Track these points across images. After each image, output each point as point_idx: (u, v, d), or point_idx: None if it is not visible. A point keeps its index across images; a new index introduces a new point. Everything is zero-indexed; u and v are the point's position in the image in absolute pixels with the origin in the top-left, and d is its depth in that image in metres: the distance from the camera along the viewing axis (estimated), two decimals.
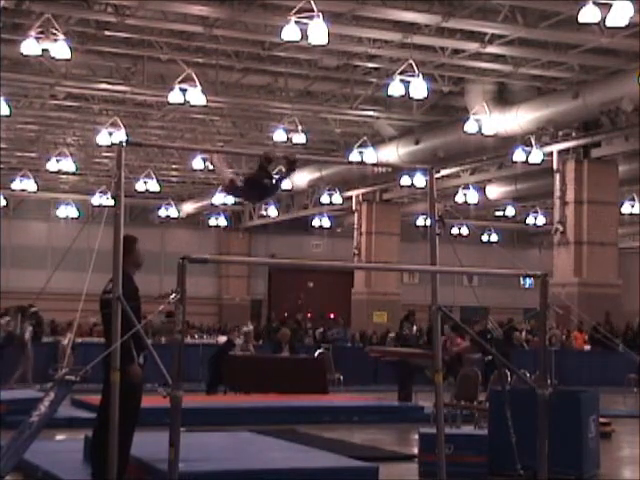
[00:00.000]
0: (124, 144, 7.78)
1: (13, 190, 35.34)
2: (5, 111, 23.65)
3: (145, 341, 7.24)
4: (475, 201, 32.31)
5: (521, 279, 38.19)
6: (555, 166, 25.44)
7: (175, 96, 22.38)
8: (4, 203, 37.97)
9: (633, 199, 33.10)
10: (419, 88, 20.82)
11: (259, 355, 21.41)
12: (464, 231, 38.25)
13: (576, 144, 24.99)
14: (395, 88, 20.92)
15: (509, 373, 12.01)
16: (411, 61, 20.56)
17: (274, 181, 8.58)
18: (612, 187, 25.91)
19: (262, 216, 39.63)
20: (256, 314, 42.51)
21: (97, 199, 35.82)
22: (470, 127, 24.15)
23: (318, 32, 17.07)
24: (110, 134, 26.20)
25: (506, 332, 20.56)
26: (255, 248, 43.64)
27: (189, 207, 41.36)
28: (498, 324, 25.69)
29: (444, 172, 27.45)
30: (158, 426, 8.42)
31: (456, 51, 21.69)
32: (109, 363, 7.31)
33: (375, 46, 21.39)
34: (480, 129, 24.16)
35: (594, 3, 16.35)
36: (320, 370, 19.09)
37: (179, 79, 22.24)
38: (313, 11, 16.92)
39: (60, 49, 18.96)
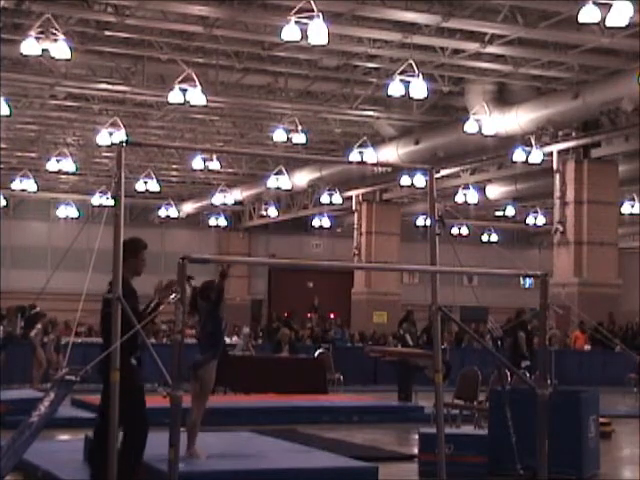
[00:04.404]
0: (124, 144, 7.77)
1: (13, 190, 35.31)
2: (5, 111, 23.63)
3: (146, 342, 7.20)
4: (475, 201, 32.30)
5: (521, 279, 38.18)
6: (555, 166, 25.42)
7: (175, 96, 22.37)
8: (4, 203, 37.94)
9: (633, 199, 33.08)
10: (419, 88, 20.81)
11: (259, 355, 21.44)
12: (464, 231, 38.22)
13: (576, 144, 24.97)
14: (395, 88, 20.92)
15: (509, 373, 12.02)
16: (411, 61, 20.55)
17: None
18: (612, 187, 25.89)
19: (262, 216, 39.61)
20: (256, 314, 42.49)
21: (97, 199, 35.81)
22: (470, 127, 24.15)
23: (318, 32, 17.06)
24: (110, 134, 26.18)
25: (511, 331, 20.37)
26: (255, 248, 43.62)
27: (189, 207, 41.36)
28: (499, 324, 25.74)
29: (444, 172, 27.42)
30: (158, 426, 8.41)
31: (456, 51, 21.69)
32: (106, 364, 7.27)
33: (375, 46, 21.38)
34: (480, 129, 24.15)
35: (594, 3, 16.33)
36: (320, 370, 19.10)
37: (179, 79, 22.23)
38: (313, 11, 16.91)
39: (60, 49, 18.94)
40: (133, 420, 7.56)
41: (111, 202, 7.56)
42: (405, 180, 29.48)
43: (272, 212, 38.37)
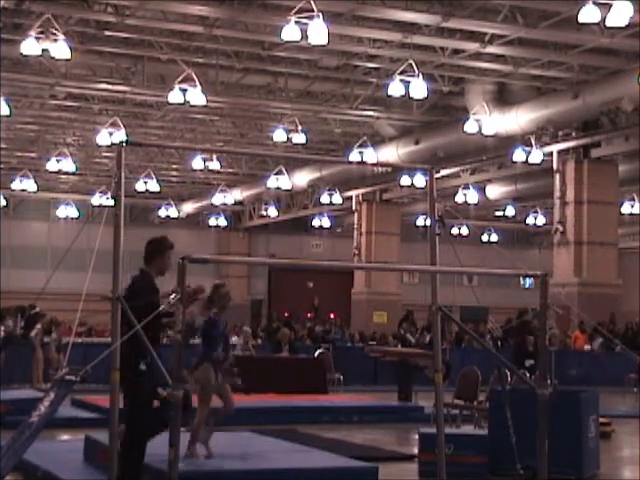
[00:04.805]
0: (124, 144, 7.78)
1: (13, 190, 35.32)
2: (5, 111, 23.64)
3: (146, 342, 7.18)
4: (475, 201, 32.30)
5: (521, 279, 38.17)
6: (555, 166, 25.42)
7: (175, 96, 22.37)
8: (4, 203, 37.94)
9: (633, 199, 33.08)
10: (419, 88, 20.82)
11: (259, 355, 21.42)
12: (464, 231, 38.22)
13: (576, 144, 24.97)
14: (395, 88, 20.92)
15: (509, 373, 12.02)
16: (411, 61, 20.55)
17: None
18: (612, 187, 25.90)
19: (262, 216, 39.62)
20: (256, 314, 42.48)
21: (97, 199, 35.80)
22: (470, 127, 24.14)
23: (318, 32, 17.07)
24: (110, 134, 26.19)
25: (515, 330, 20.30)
26: (255, 248, 43.62)
27: (189, 207, 41.36)
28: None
29: (444, 172, 27.42)
30: None
31: (456, 51, 21.69)
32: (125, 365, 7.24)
33: (375, 46, 21.38)
34: (480, 129, 24.15)
35: (594, 3, 16.34)
36: (320, 370, 19.09)
37: (179, 79, 22.23)
38: (313, 11, 16.92)
39: (60, 49, 18.95)
40: (134, 423, 7.54)
41: (111, 202, 7.56)
42: (405, 180, 29.49)
43: (272, 212, 38.37)
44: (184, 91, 22.22)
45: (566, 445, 9.39)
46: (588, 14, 16.55)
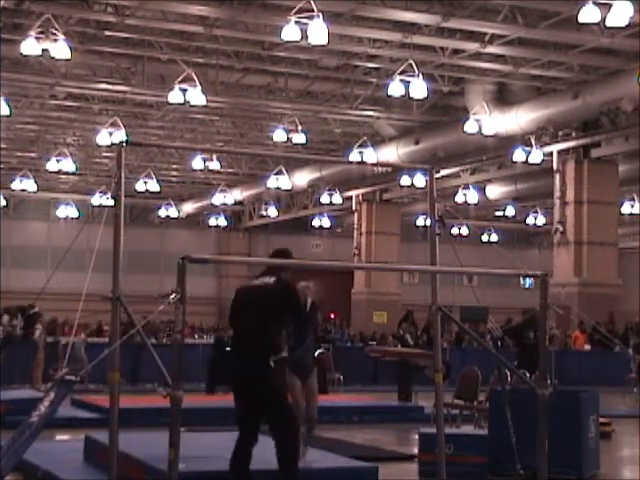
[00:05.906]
0: (124, 144, 7.77)
1: (13, 190, 35.33)
2: (5, 111, 23.63)
3: (146, 342, 7.17)
4: (475, 201, 32.30)
5: (521, 279, 38.18)
6: (555, 166, 25.43)
7: (175, 96, 22.38)
8: (4, 203, 37.94)
9: (633, 199, 33.08)
10: (419, 88, 20.82)
11: None
12: (464, 231, 38.22)
13: (576, 144, 24.98)
14: (395, 88, 20.93)
15: (509, 373, 12.01)
16: (411, 61, 20.56)
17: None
18: (612, 187, 25.90)
19: (262, 216, 39.63)
20: None
21: (97, 199, 35.79)
22: (470, 127, 24.15)
23: (318, 32, 17.07)
24: (110, 134, 26.18)
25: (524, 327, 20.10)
26: (255, 248, 43.61)
27: (189, 207, 41.36)
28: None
29: (444, 172, 27.41)
30: (158, 426, 8.42)
31: (456, 51, 21.69)
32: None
33: (375, 46, 21.39)
34: (480, 129, 24.15)
35: (594, 3, 16.34)
36: (320, 370, 19.05)
37: (179, 79, 22.24)
38: (313, 11, 16.92)
39: (60, 49, 18.96)
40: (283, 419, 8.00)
41: (111, 202, 7.55)
42: (405, 180, 29.49)
43: (272, 212, 38.39)
44: (184, 91, 22.22)
45: (566, 445, 9.38)
46: (588, 14, 16.55)
